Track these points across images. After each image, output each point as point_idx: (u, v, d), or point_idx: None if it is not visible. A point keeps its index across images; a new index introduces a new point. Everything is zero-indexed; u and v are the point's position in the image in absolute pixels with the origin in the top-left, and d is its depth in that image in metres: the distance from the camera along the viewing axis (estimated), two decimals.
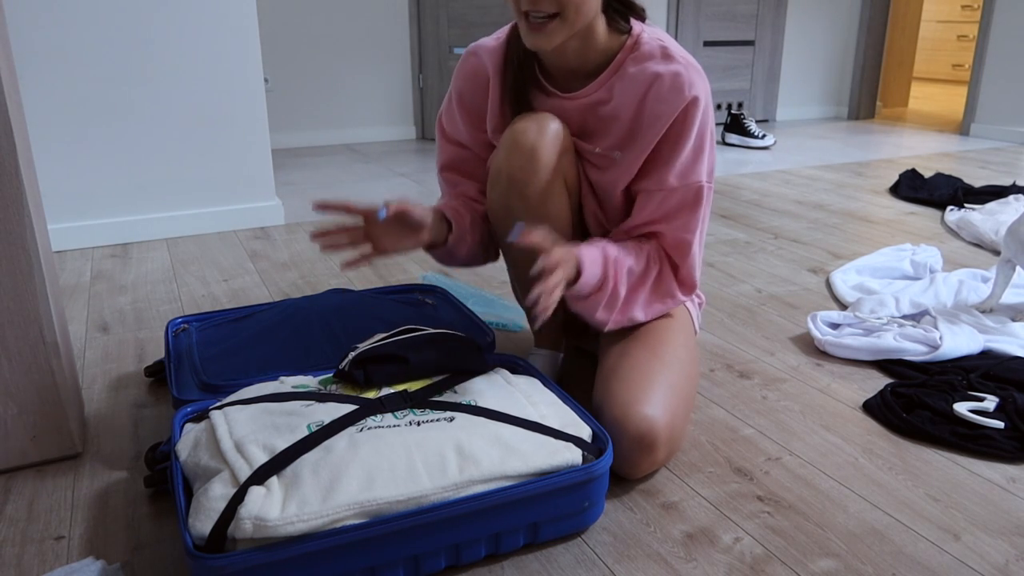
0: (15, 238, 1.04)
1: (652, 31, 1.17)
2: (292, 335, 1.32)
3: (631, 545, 0.97)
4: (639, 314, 1.19)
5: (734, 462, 1.15)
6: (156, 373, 1.41)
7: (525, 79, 1.22)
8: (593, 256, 1.11)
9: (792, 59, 4.59)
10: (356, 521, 0.84)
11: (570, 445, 0.96)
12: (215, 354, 1.28)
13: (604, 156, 1.20)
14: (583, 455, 0.96)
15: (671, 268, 1.21)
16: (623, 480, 1.10)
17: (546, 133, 1.16)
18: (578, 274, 1.09)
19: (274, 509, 0.82)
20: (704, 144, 1.16)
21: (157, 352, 1.52)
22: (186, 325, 1.43)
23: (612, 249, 1.15)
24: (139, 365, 1.47)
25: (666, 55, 1.13)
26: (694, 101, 1.12)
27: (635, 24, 1.17)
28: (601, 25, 1.14)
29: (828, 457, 1.17)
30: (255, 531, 0.80)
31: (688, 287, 1.22)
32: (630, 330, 1.22)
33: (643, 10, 1.18)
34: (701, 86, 1.13)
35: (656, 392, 1.08)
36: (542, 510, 0.94)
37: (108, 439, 1.22)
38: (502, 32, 1.25)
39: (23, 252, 1.05)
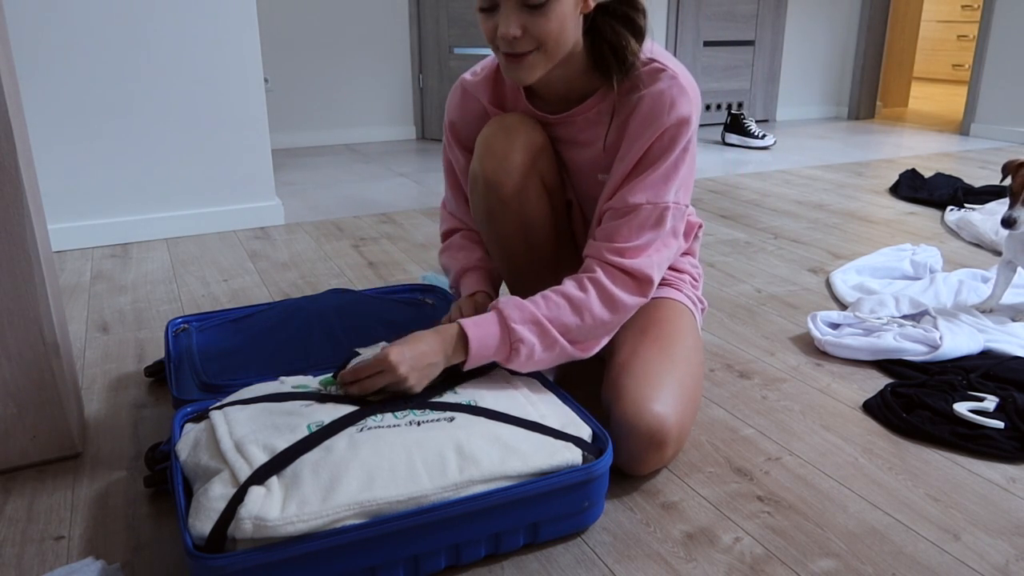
0: (15, 238, 1.04)
1: (646, 46, 1.13)
2: (292, 335, 1.32)
3: (631, 545, 0.97)
4: (601, 336, 1.12)
5: (734, 462, 1.15)
6: (156, 373, 1.41)
7: (519, 105, 1.23)
8: (481, 327, 1.04)
9: (792, 59, 4.59)
10: (356, 521, 0.84)
11: (570, 445, 0.96)
12: (215, 354, 1.28)
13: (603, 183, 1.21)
14: (583, 455, 0.96)
15: (621, 275, 1.11)
16: (623, 480, 1.10)
17: (517, 134, 1.17)
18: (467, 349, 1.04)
19: (274, 509, 0.82)
20: (682, 165, 1.11)
21: (157, 352, 1.52)
22: (186, 325, 1.43)
23: (514, 307, 1.06)
24: (139, 365, 1.47)
25: (652, 74, 1.10)
26: (678, 121, 1.08)
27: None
28: (581, 50, 1.12)
29: (828, 457, 1.17)
30: (255, 531, 0.80)
31: (647, 290, 1.13)
32: (640, 327, 1.20)
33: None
34: (687, 104, 1.09)
35: (668, 390, 1.08)
36: (542, 510, 0.94)
37: (108, 439, 1.22)
38: (484, 66, 1.25)
39: (23, 252, 1.05)
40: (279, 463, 0.87)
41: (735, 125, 3.84)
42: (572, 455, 0.95)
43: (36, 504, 1.06)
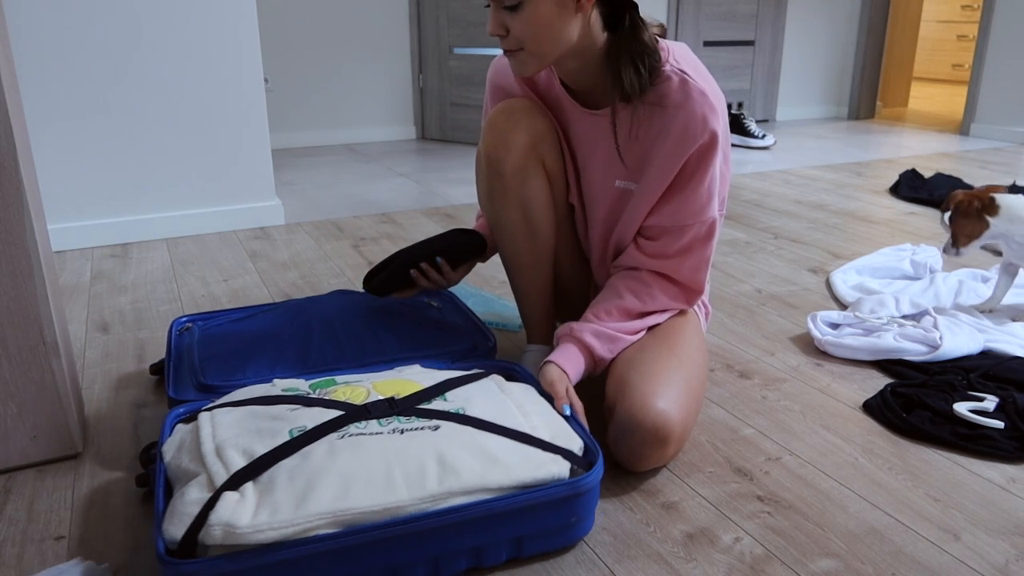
0: (15, 238, 1.04)
1: (676, 54, 1.14)
2: (293, 336, 1.31)
3: (631, 545, 0.97)
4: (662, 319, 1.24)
5: (734, 462, 1.15)
6: (160, 371, 1.41)
7: (552, 88, 1.25)
8: (570, 355, 1.15)
9: (792, 59, 4.59)
10: (329, 530, 0.82)
11: (557, 458, 0.94)
12: (214, 354, 1.28)
13: (624, 191, 1.21)
14: (571, 468, 0.94)
15: (676, 282, 1.23)
16: (623, 480, 1.10)
17: (519, 116, 1.19)
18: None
19: (245, 516, 0.80)
20: (716, 179, 1.16)
21: (157, 352, 1.52)
22: (191, 324, 1.43)
23: (589, 331, 1.16)
24: (139, 365, 1.47)
25: (684, 86, 1.10)
26: (711, 139, 1.11)
27: (661, 44, 1.13)
28: (601, 47, 1.12)
29: (828, 457, 1.17)
30: (224, 538, 0.79)
31: (696, 297, 1.25)
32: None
33: (661, 27, 1.17)
34: (716, 119, 1.11)
35: (673, 388, 1.08)
36: (525, 525, 0.91)
37: (108, 439, 1.22)
38: None
39: (23, 252, 1.05)
40: (256, 469, 0.85)
41: (735, 125, 3.84)
42: (559, 468, 0.92)
43: (36, 504, 1.06)
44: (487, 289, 1.86)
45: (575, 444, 0.98)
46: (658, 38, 1.14)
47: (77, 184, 2.16)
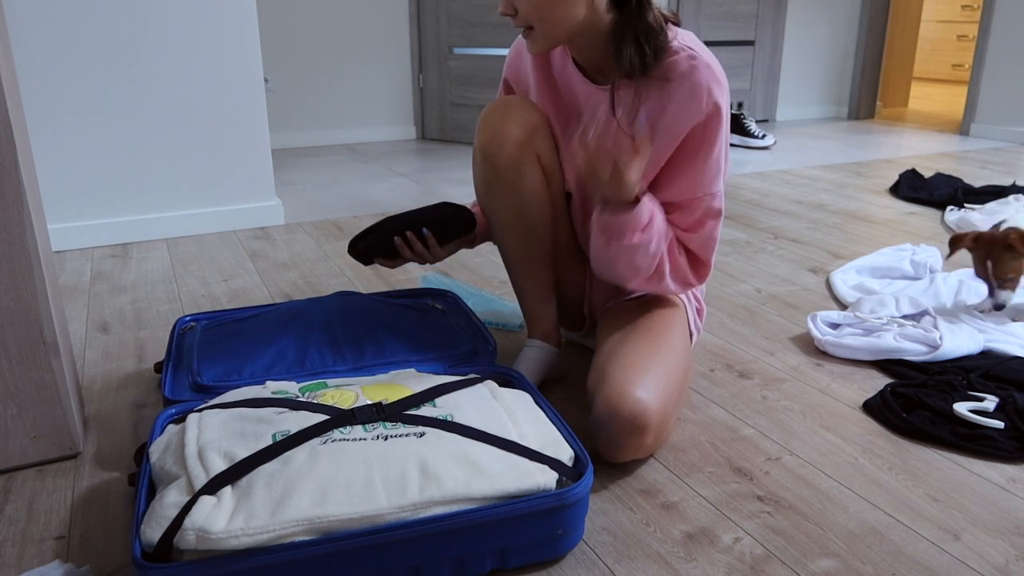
0: (15, 238, 1.04)
1: (684, 37, 1.16)
2: (292, 338, 1.31)
3: (631, 545, 0.97)
4: (668, 284, 1.22)
5: (734, 462, 1.16)
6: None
7: (566, 68, 1.26)
8: (647, 203, 1.13)
9: (792, 59, 4.59)
10: (305, 538, 0.81)
11: (544, 468, 0.91)
12: (213, 354, 1.28)
13: None
14: (559, 479, 0.92)
15: (687, 258, 1.24)
16: (623, 480, 1.10)
17: (513, 110, 1.22)
18: (636, 201, 1.11)
19: (219, 521, 0.79)
20: (723, 152, 1.17)
21: (156, 352, 1.52)
22: (194, 323, 1.42)
23: (659, 212, 1.16)
24: (139, 365, 1.47)
25: (691, 63, 1.12)
26: (715, 110, 1.12)
27: (669, 26, 1.16)
28: (608, 24, 1.14)
29: (828, 457, 1.17)
30: (198, 543, 0.78)
31: (704, 276, 1.26)
32: (629, 319, 1.23)
33: (674, 15, 1.18)
34: (721, 93, 1.13)
35: (651, 377, 1.08)
36: (509, 536, 0.89)
37: (108, 439, 1.22)
38: None
39: (23, 252, 1.05)
40: (235, 473, 0.84)
41: (735, 125, 3.84)
42: (545, 479, 0.90)
43: (36, 504, 1.06)
44: (487, 289, 1.86)
45: (565, 454, 0.96)
46: (671, 24, 1.16)
47: (77, 184, 2.16)
